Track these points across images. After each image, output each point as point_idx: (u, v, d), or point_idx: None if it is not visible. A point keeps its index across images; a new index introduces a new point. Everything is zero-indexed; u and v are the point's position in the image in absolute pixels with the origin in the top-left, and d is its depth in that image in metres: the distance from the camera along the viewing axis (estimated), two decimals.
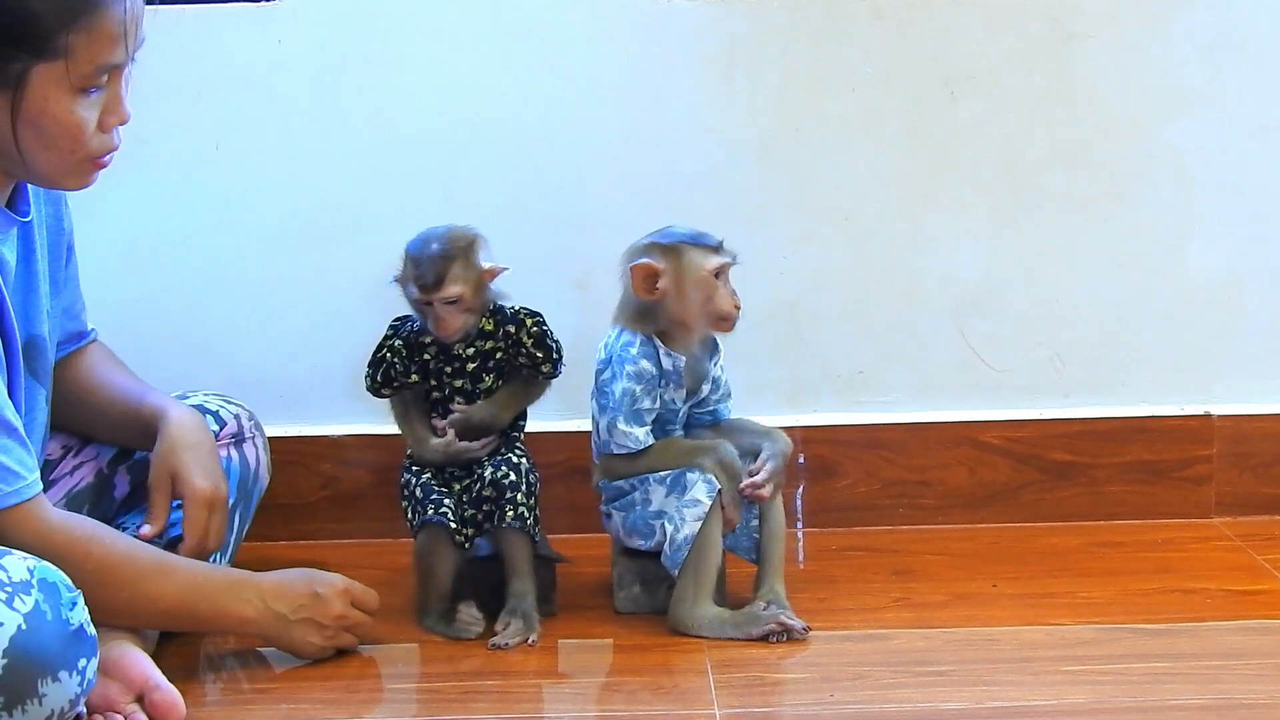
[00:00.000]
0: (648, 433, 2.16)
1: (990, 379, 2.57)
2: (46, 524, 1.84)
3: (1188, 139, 2.51)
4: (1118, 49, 2.49)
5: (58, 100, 1.78)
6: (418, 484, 2.17)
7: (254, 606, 1.99)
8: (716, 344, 2.20)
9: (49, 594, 1.71)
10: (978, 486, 2.57)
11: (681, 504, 2.11)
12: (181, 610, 1.96)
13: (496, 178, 2.50)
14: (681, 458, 2.15)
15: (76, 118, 1.79)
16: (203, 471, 2.05)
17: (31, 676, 1.67)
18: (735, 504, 2.13)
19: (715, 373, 2.21)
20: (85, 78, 1.78)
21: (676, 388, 2.16)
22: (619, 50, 2.49)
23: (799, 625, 2.08)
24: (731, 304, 2.13)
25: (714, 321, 2.15)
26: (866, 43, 2.49)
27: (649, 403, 2.15)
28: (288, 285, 2.52)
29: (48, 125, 1.79)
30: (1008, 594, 2.26)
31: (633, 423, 2.15)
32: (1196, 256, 2.54)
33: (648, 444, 2.15)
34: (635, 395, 2.14)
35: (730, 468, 2.13)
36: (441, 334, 2.15)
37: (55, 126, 1.79)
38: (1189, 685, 1.93)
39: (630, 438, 2.15)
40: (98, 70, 1.79)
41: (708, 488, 2.11)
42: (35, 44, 1.75)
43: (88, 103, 1.80)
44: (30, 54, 1.75)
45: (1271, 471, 2.57)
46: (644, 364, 2.14)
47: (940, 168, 2.52)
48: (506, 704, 1.93)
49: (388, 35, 2.48)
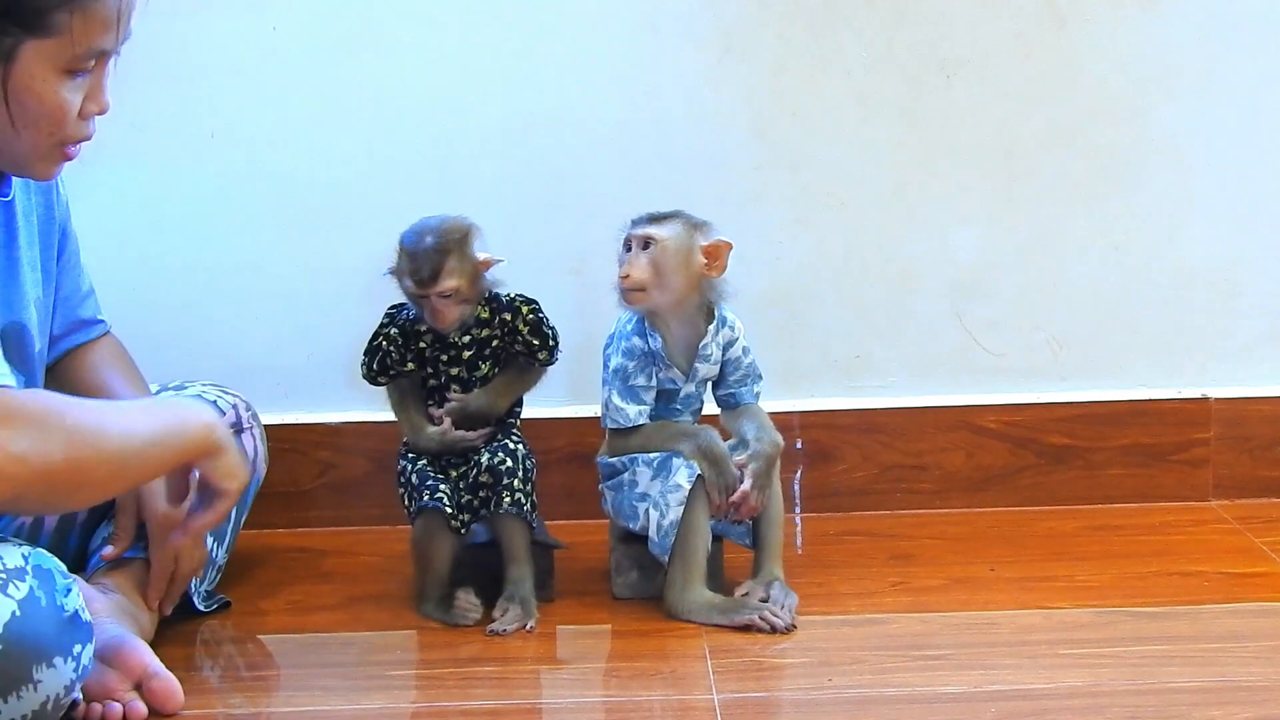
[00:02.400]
0: (640, 411, 2.16)
1: (987, 363, 2.57)
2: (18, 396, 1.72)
3: (1184, 121, 2.51)
4: (1113, 32, 2.49)
5: (44, 79, 1.76)
6: (414, 470, 2.17)
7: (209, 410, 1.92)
8: (725, 323, 2.18)
9: (44, 580, 1.71)
10: (975, 470, 2.57)
11: (665, 488, 2.11)
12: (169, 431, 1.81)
13: (492, 164, 2.50)
14: (666, 442, 2.15)
15: (61, 98, 1.78)
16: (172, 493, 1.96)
17: (26, 663, 1.66)
18: (719, 490, 2.13)
19: (727, 355, 2.18)
20: (75, 59, 1.77)
21: (668, 367, 2.16)
22: (614, 34, 2.48)
23: (783, 624, 2.07)
24: (621, 272, 2.12)
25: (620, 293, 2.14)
26: (862, 26, 2.49)
27: (643, 379, 2.15)
28: (284, 273, 2.52)
29: (31, 103, 1.77)
30: (1005, 578, 2.27)
31: (626, 399, 2.16)
32: (1193, 239, 2.54)
33: (639, 422, 2.16)
34: (628, 371, 2.15)
35: (710, 453, 2.12)
36: (438, 325, 2.14)
37: (39, 105, 1.77)
38: (1187, 668, 1.93)
39: (621, 414, 2.15)
40: (88, 53, 1.78)
41: (689, 472, 2.11)
42: (30, 19, 1.74)
43: (73, 86, 1.78)
44: (23, 28, 1.74)
45: (1269, 454, 2.57)
46: (635, 340, 2.15)
47: (936, 151, 2.52)
48: (505, 690, 1.93)
49: (383, 22, 2.47)
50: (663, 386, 2.17)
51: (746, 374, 2.21)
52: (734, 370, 2.20)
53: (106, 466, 1.74)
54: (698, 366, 2.17)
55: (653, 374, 2.16)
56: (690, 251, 2.13)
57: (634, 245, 2.12)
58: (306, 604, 2.24)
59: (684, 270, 2.12)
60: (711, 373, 2.19)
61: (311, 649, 2.10)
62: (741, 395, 2.21)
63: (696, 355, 2.17)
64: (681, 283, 2.13)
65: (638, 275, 2.11)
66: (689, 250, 2.13)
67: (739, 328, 2.19)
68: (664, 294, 2.13)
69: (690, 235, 2.13)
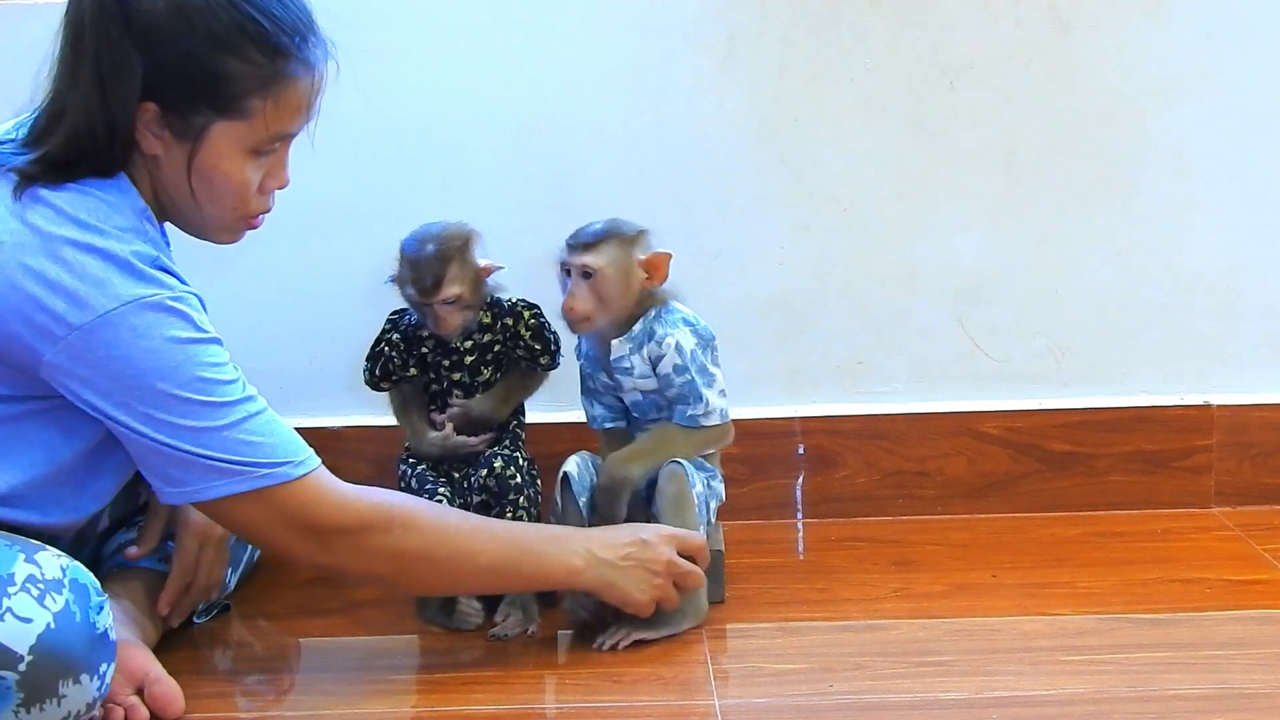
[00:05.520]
0: (595, 417, 2.22)
1: (990, 369, 2.57)
2: (342, 494, 1.86)
3: (1187, 127, 2.51)
4: (1116, 38, 2.49)
5: (231, 158, 1.83)
6: (413, 475, 2.17)
7: (581, 557, 1.97)
8: (651, 337, 2.12)
9: (79, 595, 1.71)
10: (977, 476, 2.57)
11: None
12: (505, 565, 1.95)
13: (494, 168, 2.50)
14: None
15: (245, 177, 1.85)
16: None
17: (54, 676, 1.67)
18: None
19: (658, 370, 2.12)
20: (263, 142, 1.84)
21: (599, 370, 2.18)
22: (617, 39, 2.48)
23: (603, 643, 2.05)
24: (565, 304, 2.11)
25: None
26: (865, 32, 2.48)
27: (591, 382, 2.20)
28: (286, 277, 2.52)
29: (217, 180, 1.84)
30: (1007, 584, 2.26)
31: (589, 400, 2.22)
32: (1196, 245, 2.54)
33: (605, 425, 2.22)
34: (585, 373, 2.21)
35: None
36: (441, 332, 2.14)
37: (224, 182, 1.84)
38: (1189, 675, 1.93)
39: (588, 415, 2.23)
40: (275, 137, 1.85)
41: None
42: (224, 103, 1.80)
43: (256, 164, 1.85)
44: (216, 111, 1.81)
45: (1271, 461, 2.57)
46: (584, 344, 2.19)
47: (939, 157, 2.52)
48: (506, 695, 1.93)
49: (385, 26, 2.47)
50: (608, 391, 2.19)
51: (683, 394, 2.13)
52: (667, 387, 2.14)
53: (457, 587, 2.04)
54: (619, 378, 2.15)
55: (596, 378, 2.19)
56: (630, 271, 2.11)
57: (574, 273, 2.11)
58: (308, 608, 2.24)
59: (625, 291, 2.12)
60: (644, 385, 2.15)
61: (313, 653, 2.10)
62: (674, 413, 2.15)
63: (619, 367, 2.15)
64: (625, 302, 2.12)
65: (581, 308, 2.10)
66: (629, 271, 2.11)
67: (668, 345, 2.11)
68: (609, 315, 2.12)
69: (628, 255, 2.11)
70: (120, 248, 1.76)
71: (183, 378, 1.77)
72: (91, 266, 1.74)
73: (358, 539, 1.85)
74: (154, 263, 1.78)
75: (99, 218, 1.78)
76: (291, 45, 1.82)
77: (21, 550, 1.72)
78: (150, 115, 1.80)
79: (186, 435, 1.77)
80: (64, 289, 1.74)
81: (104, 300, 1.74)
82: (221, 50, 1.78)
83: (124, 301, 1.74)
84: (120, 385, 1.75)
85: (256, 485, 1.79)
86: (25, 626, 1.66)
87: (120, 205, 1.80)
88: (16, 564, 1.70)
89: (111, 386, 1.75)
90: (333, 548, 1.85)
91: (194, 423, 1.77)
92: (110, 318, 1.74)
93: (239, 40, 1.79)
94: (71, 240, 1.75)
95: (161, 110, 1.80)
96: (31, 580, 1.69)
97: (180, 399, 1.76)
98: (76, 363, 1.75)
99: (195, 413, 1.77)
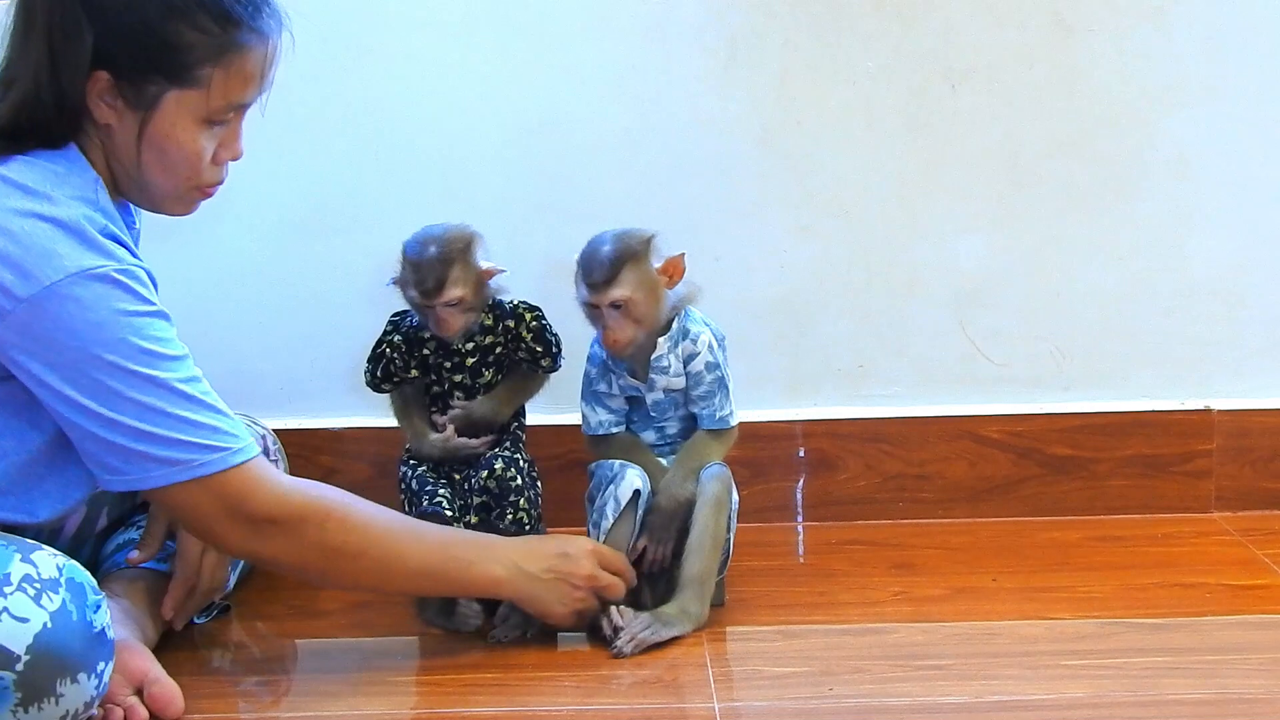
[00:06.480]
0: (606, 419, 2.17)
1: (991, 372, 2.57)
2: (278, 484, 1.86)
3: (1188, 132, 2.51)
4: (1119, 42, 2.49)
5: (184, 128, 1.82)
6: (413, 476, 2.17)
7: (504, 567, 1.99)
8: (686, 335, 2.13)
9: (76, 594, 1.71)
10: (978, 480, 2.57)
11: (605, 499, 2.12)
12: (433, 570, 1.97)
13: (497, 171, 2.50)
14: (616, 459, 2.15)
15: (198, 146, 1.84)
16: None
17: (51, 675, 1.67)
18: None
19: (689, 368, 2.13)
20: (216, 111, 1.83)
21: (623, 374, 2.16)
22: (619, 41, 2.48)
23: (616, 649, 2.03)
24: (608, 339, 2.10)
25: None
26: (867, 35, 2.49)
27: (604, 386, 2.17)
28: (287, 278, 2.52)
29: (170, 149, 1.83)
30: (1007, 588, 2.26)
31: (591, 405, 2.18)
32: (1197, 249, 2.54)
33: (608, 430, 2.17)
34: (591, 377, 2.18)
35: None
36: (443, 334, 2.14)
37: (177, 152, 1.83)
38: (1188, 680, 1.93)
39: (585, 421, 2.19)
40: (229, 106, 1.84)
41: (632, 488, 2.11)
42: (177, 72, 1.80)
43: (209, 134, 1.84)
44: (169, 79, 1.80)
45: (1272, 466, 2.57)
46: (596, 348, 2.17)
47: (941, 160, 2.52)
48: (506, 697, 1.93)
49: (387, 27, 2.48)
50: (627, 393, 2.18)
51: (711, 391, 2.15)
52: (696, 385, 2.15)
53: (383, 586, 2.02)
54: (654, 378, 2.15)
55: (612, 381, 2.17)
56: (654, 285, 2.11)
57: (604, 309, 2.10)
58: (308, 609, 2.24)
59: (655, 304, 2.11)
60: (675, 384, 2.15)
61: (313, 655, 2.10)
62: (702, 417, 2.16)
63: (650, 366, 2.15)
64: (658, 312, 2.12)
65: (624, 338, 2.10)
66: (653, 286, 2.11)
67: (703, 341, 2.13)
68: (649, 329, 2.12)
69: (647, 271, 2.10)
70: (69, 213, 1.75)
71: (129, 349, 1.76)
72: (39, 236, 1.74)
73: (293, 530, 1.85)
74: (104, 231, 1.78)
75: (48, 185, 1.77)
76: (244, 14, 1.82)
77: (18, 550, 1.72)
78: (103, 84, 1.79)
79: (131, 409, 1.76)
80: (10, 260, 1.73)
81: (49, 271, 1.73)
82: (174, 18, 1.78)
83: (70, 273, 1.73)
84: (66, 358, 1.74)
85: (195, 475, 1.79)
86: (22, 626, 1.66)
87: (69, 174, 1.80)
88: (13, 563, 1.70)
89: (58, 359, 1.75)
90: (267, 537, 1.85)
91: (139, 396, 1.76)
92: (56, 289, 1.73)
93: (191, 8, 1.78)
94: (18, 210, 1.75)
95: (114, 79, 1.79)
96: (28, 580, 1.69)
97: (126, 370, 1.75)
98: (24, 335, 1.74)
99: (140, 387, 1.76)
